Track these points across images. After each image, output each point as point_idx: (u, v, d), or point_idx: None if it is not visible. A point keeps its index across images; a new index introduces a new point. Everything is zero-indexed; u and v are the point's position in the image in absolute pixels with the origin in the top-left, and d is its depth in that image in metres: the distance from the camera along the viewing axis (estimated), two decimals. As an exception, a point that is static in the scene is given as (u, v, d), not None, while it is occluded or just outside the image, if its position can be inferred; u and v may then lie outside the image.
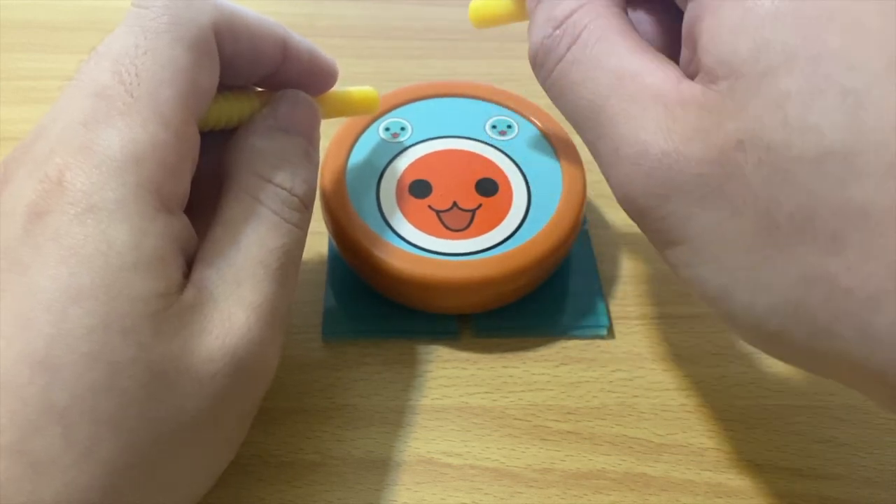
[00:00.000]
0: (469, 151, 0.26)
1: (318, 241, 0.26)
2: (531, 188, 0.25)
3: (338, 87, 0.22)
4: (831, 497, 0.21)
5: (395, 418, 0.22)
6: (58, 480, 0.14)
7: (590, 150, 0.18)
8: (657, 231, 0.16)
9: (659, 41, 0.19)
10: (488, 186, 0.25)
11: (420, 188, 0.24)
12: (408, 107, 0.27)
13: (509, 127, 0.26)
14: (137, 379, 0.14)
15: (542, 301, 0.25)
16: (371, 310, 0.24)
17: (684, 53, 0.16)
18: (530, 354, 0.24)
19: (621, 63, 0.16)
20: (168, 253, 0.16)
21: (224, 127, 0.20)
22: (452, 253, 0.23)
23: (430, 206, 0.24)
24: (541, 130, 0.26)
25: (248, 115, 0.20)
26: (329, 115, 0.22)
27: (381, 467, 0.21)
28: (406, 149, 0.26)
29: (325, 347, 0.24)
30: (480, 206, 0.24)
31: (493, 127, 0.26)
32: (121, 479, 0.14)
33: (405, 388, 0.23)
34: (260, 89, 0.21)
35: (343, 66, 0.22)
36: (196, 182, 0.17)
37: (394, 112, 0.27)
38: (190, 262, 0.17)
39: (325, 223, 0.24)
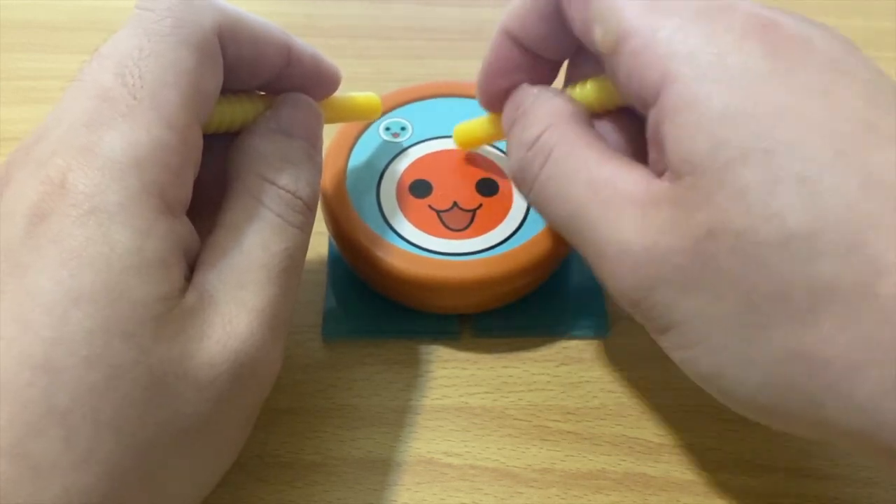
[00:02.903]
0: (469, 151, 0.26)
1: (318, 242, 0.26)
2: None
3: (340, 92, 0.22)
4: (831, 497, 0.21)
5: (395, 418, 0.22)
6: (58, 483, 0.14)
7: (579, 251, 0.19)
8: (649, 319, 0.17)
9: (627, 148, 0.19)
10: (489, 186, 0.25)
11: (420, 188, 0.24)
12: (408, 107, 0.27)
13: (509, 127, 0.26)
14: (138, 382, 0.14)
15: (542, 301, 0.25)
16: (371, 310, 0.24)
17: (651, 154, 0.17)
18: (530, 354, 0.24)
19: (591, 174, 0.18)
20: (170, 256, 0.16)
21: (227, 130, 0.20)
22: (453, 253, 0.23)
23: (430, 206, 0.24)
24: (541, 130, 0.26)
25: (251, 119, 0.20)
26: (331, 120, 0.23)
27: (381, 467, 0.21)
28: (406, 149, 0.26)
29: (325, 347, 0.24)
30: (481, 206, 0.24)
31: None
32: (121, 482, 0.14)
33: (405, 388, 0.23)
34: (263, 93, 0.21)
35: (343, 67, 0.22)
36: (199, 184, 0.17)
37: (394, 112, 0.26)
38: (192, 264, 0.17)
39: (326, 223, 0.24)
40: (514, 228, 0.24)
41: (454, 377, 0.23)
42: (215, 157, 0.19)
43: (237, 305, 0.17)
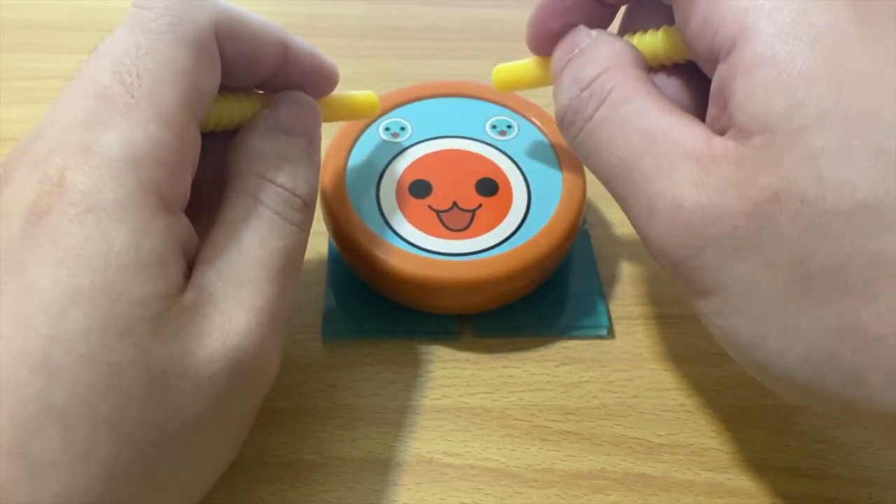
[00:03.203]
0: (469, 151, 0.26)
1: (318, 241, 0.26)
2: (531, 188, 0.25)
3: (338, 91, 0.22)
4: (831, 497, 0.21)
5: (395, 418, 0.22)
6: (57, 481, 0.14)
7: (621, 204, 0.18)
8: (692, 281, 0.17)
9: (682, 103, 0.19)
10: (488, 186, 0.25)
11: (420, 188, 0.24)
12: (408, 107, 0.27)
13: (509, 127, 0.26)
14: (136, 380, 0.14)
15: (542, 301, 0.25)
16: (371, 310, 0.24)
17: (712, 111, 0.17)
18: (530, 354, 0.24)
19: (650, 122, 0.17)
20: (168, 254, 0.16)
21: (225, 128, 0.20)
22: (452, 253, 0.23)
23: (430, 206, 0.24)
24: (541, 130, 0.26)
25: (249, 117, 0.20)
26: (329, 119, 0.22)
27: (381, 467, 0.21)
28: (406, 149, 0.26)
29: (325, 347, 0.24)
30: (480, 206, 0.24)
31: (493, 127, 0.26)
32: (120, 481, 0.14)
33: (405, 388, 0.23)
34: (261, 92, 0.21)
35: (343, 67, 0.22)
36: (197, 183, 0.17)
37: (394, 112, 0.26)
38: (191, 263, 0.17)
39: (326, 223, 0.24)
40: (513, 228, 0.24)
41: (454, 377, 0.23)
42: (214, 156, 0.19)
43: (236, 303, 0.17)
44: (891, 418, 0.14)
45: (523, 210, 0.24)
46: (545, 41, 0.21)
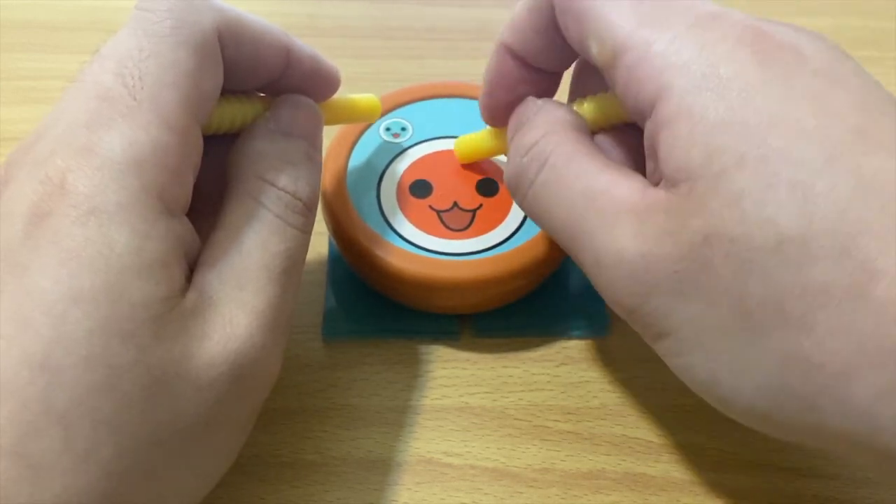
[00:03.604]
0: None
1: (318, 241, 0.26)
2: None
3: (340, 93, 0.22)
4: (831, 497, 0.21)
5: (395, 418, 0.22)
6: (57, 482, 0.14)
7: (574, 259, 0.19)
8: (645, 326, 0.17)
9: (627, 163, 0.20)
10: (489, 186, 0.25)
11: (421, 188, 0.24)
12: (408, 107, 0.27)
13: (509, 127, 0.26)
14: (137, 382, 0.14)
15: (542, 301, 0.25)
16: (371, 310, 0.25)
17: (648, 165, 0.18)
18: (530, 354, 0.24)
19: (589, 182, 0.18)
20: (170, 256, 0.16)
21: (227, 131, 0.20)
22: (453, 253, 0.23)
23: (430, 206, 0.24)
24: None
25: (250, 120, 0.20)
26: (331, 122, 0.22)
27: (381, 467, 0.21)
28: (406, 149, 0.26)
29: (325, 347, 0.24)
30: (481, 206, 0.24)
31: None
32: (120, 482, 0.14)
33: (405, 388, 0.23)
34: (262, 95, 0.21)
35: (343, 67, 0.22)
36: (199, 185, 0.17)
37: (394, 112, 0.26)
38: (192, 265, 0.17)
39: (326, 223, 0.24)
40: (514, 229, 0.24)
41: (454, 377, 0.23)
42: (215, 158, 0.19)
43: (237, 306, 0.17)
44: (846, 440, 0.15)
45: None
46: (498, 113, 0.22)
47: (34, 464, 0.13)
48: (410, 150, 0.25)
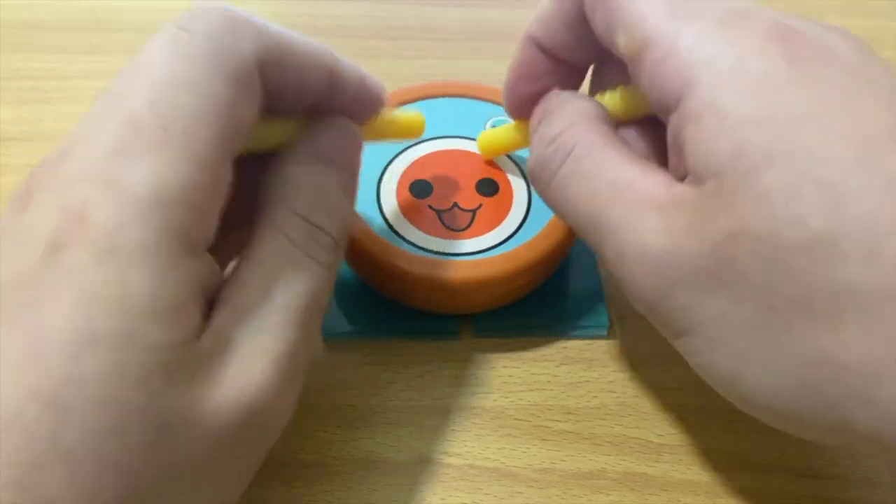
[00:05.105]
0: (469, 151, 0.26)
1: (318, 241, 0.26)
2: (531, 188, 0.25)
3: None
4: (831, 497, 0.21)
5: (395, 418, 0.22)
6: None
7: (595, 251, 0.18)
8: (666, 323, 0.17)
9: (650, 156, 0.19)
10: (489, 186, 0.25)
11: (420, 188, 0.24)
12: (408, 107, 0.27)
13: (509, 127, 0.26)
14: (145, 426, 0.14)
15: (542, 301, 0.25)
16: (371, 310, 0.25)
17: (672, 160, 0.17)
18: (530, 354, 0.24)
19: (614, 174, 0.18)
20: (188, 300, 0.15)
21: (260, 151, 0.18)
22: (453, 253, 0.23)
23: (430, 206, 0.24)
24: (541, 130, 0.26)
25: (285, 140, 0.18)
26: (370, 139, 0.21)
27: (381, 467, 0.21)
28: (406, 149, 0.26)
29: (325, 347, 0.24)
30: (481, 206, 0.24)
31: (493, 127, 0.26)
32: None
33: (405, 388, 0.23)
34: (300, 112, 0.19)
35: (343, 67, 0.22)
36: (226, 206, 0.17)
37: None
38: (212, 299, 0.16)
39: (326, 223, 0.24)
40: (514, 229, 0.24)
41: (454, 377, 0.23)
42: (244, 178, 0.18)
43: (254, 352, 0.16)
44: (871, 441, 0.15)
45: (524, 210, 0.24)
46: (520, 106, 0.22)
47: (37, 499, 0.13)
48: (410, 150, 0.25)
